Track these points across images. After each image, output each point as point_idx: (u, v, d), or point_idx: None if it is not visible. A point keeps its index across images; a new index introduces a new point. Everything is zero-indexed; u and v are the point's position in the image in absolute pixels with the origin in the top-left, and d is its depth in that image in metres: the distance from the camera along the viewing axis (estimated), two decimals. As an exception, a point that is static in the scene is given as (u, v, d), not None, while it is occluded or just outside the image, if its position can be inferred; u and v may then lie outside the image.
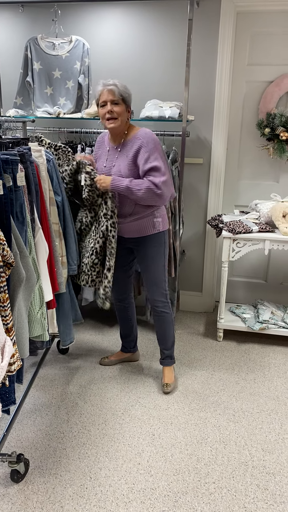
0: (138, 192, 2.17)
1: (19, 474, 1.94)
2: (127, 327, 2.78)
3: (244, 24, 3.10)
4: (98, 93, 2.22)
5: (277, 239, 2.85)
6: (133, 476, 1.98)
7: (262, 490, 1.92)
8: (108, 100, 2.18)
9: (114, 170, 2.28)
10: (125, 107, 2.23)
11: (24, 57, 3.08)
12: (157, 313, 2.55)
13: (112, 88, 2.17)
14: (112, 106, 2.18)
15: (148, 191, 2.17)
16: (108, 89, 2.17)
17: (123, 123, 2.24)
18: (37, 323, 1.87)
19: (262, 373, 2.79)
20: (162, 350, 2.64)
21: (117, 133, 2.28)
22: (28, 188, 1.85)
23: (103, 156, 2.37)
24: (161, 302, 2.52)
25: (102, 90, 2.19)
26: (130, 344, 2.84)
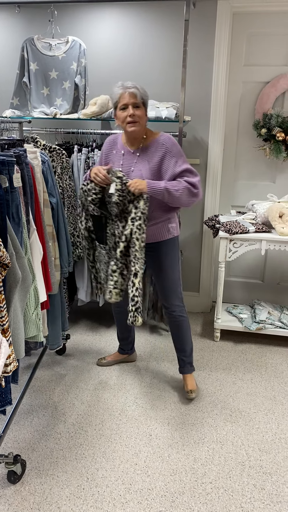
0: (176, 192, 2.11)
1: (16, 475, 1.94)
2: (125, 330, 2.77)
3: (241, 25, 3.11)
4: (117, 96, 2.15)
5: (273, 239, 2.86)
6: (130, 477, 1.98)
7: (259, 490, 1.92)
8: (129, 103, 2.12)
9: (133, 175, 2.21)
10: (144, 110, 2.18)
11: (21, 58, 3.08)
12: (174, 318, 2.48)
13: (134, 91, 2.11)
14: (134, 110, 2.12)
15: (186, 190, 2.12)
16: (130, 92, 2.11)
17: (143, 127, 2.19)
18: (32, 324, 1.87)
19: (259, 373, 2.80)
20: (181, 357, 2.57)
21: (135, 137, 2.21)
22: (23, 189, 1.85)
23: (117, 160, 2.28)
24: (177, 307, 2.46)
25: (122, 93, 2.13)
26: (128, 346, 2.83)
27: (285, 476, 2.00)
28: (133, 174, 2.22)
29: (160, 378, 2.71)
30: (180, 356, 2.57)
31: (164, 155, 2.17)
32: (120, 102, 2.14)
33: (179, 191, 2.12)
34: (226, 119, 3.29)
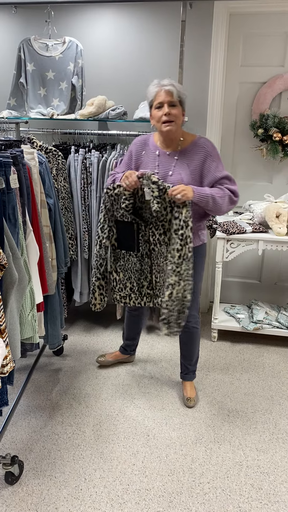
0: (220, 199, 2.04)
1: (14, 476, 1.94)
2: (135, 332, 2.74)
3: (237, 26, 3.11)
4: (153, 94, 2.06)
5: (270, 239, 2.86)
6: (128, 477, 1.98)
7: (257, 490, 1.92)
8: (165, 101, 2.02)
9: (172, 179, 2.11)
10: (181, 109, 2.08)
11: (17, 58, 3.08)
12: (188, 329, 2.41)
13: (170, 89, 2.01)
14: (170, 109, 2.02)
15: (227, 198, 2.07)
16: (165, 89, 2.01)
17: (179, 127, 2.10)
18: (28, 325, 1.87)
19: (256, 373, 2.80)
20: (186, 365, 2.55)
21: (171, 138, 2.12)
22: (20, 190, 1.85)
23: (151, 161, 2.18)
24: (194, 317, 2.40)
25: (158, 91, 2.04)
26: (132, 347, 2.82)
27: (283, 475, 2.00)
28: (172, 178, 2.12)
29: (157, 379, 2.71)
30: (184, 363, 2.55)
31: (205, 159, 2.09)
32: (155, 100, 2.05)
33: (223, 199, 2.05)
34: (223, 119, 3.30)
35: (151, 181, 2.01)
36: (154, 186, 2.00)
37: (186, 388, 2.54)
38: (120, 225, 2.20)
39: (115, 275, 2.31)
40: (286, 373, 2.80)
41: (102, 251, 2.25)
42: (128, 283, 2.30)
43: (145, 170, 2.09)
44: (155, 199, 2.01)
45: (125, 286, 2.31)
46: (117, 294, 2.35)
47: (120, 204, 2.12)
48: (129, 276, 2.28)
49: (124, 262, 2.27)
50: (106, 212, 2.18)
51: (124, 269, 2.28)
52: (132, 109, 3.05)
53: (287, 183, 3.34)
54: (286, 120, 3.04)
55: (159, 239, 2.14)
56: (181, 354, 2.55)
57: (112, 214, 2.19)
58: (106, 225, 2.21)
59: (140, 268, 2.24)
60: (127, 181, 2.05)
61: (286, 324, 3.05)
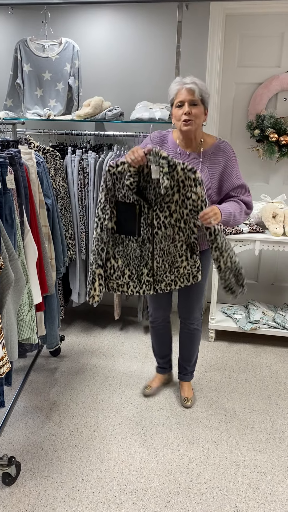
0: (239, 215, 2.03)
1: (11, 477, 1.94)
2: (168, 346, 2.58)
3: (233, 27, 3.12)
4: (174, 92, 1.99)
5: (267, 239, 2.87)
6: (125, 477, 1.98)
7: (254, 489, 1.93)
8: (186, 100, 1.95)
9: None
10: (203, 109, 2.01)
11: (14, 59, 3.07)
12: (190, 331, 2.41)
13: (191, 87, 1.94)
14: (190, 108, 1.96)
15: (244, 213, 2.07)
16: (187, 88, 1.94)
17: (199, 127, 2.04)
18: (26, 326, 1.87)
19: (253, 373, 2.81)
20: (185, 366, 2.53)
21: (191, 138, 2.05)
22: (17, 190, 1.85)
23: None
24: (197, 320, 2.39)
25: (179, 89, 1.97)
26: (169, 362, 2.64)
27: (280, 475, 2.01)
28: None
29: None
30: (183, 364, 2.54)
31: (226, 164, 2.06)
32: (176, 98, 1.99)
33: (240, 214, 2.04)
34: (219, 120, 3.30)
35: (161, 156, 1.88)
36: (164, 162, 1.88)
37: (184, 389, 2.54)
38: (120, 206, 2.04)
39: (113, 262, 2.14)
40: (283, 373, 2.81)
41: (103, 234, 2.07)
42: (127, 270, 2.14)
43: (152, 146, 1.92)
44: (165, 175, 1.89)
45: (123, 274, 2.15)
46: (114, 282, 2.17)
47: (122, 183, 1.99)
48: (128, 262, 2.13)
49: (123, 247, 2.12)
50: (107, 192, 2.03)
51: (122, 255, 2.13)
52: (128, 110, 3.05)
53: (283, 184, 3.35)
54: (282, 121, 3.05)
55: (164, 222, 2.02)
56: (180, 355, 2.54)
57: (113, 195, 2.04)
58: (107, 206, 2.04)
59: (140, 254, 2.10)
60: (132, 156, 1.90)
61: (283, 324, 3.06)
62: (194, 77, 1.99)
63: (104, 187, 2.02)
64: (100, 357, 2.96)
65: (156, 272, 2.12)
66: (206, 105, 2.03)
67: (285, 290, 3.57)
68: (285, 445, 2.19)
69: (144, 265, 2.11)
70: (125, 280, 2.16)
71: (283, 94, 3.16)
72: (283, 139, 3.03)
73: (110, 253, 2.14)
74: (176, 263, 2.10)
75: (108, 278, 2.18)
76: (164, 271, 2.11)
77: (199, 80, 1.98)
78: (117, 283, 2.17)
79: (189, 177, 1.91)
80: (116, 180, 2.00)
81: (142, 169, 1.97)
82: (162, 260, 2.09)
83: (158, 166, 1.90)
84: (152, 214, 2.01)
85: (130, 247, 2.10)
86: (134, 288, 2.16)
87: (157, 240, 2.05)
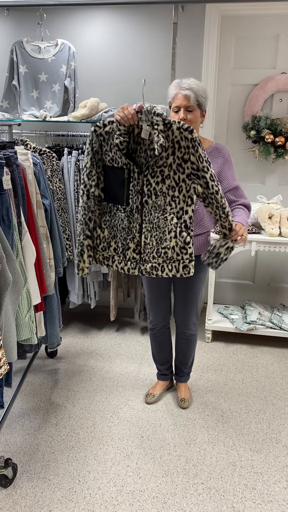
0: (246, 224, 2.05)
1: (7, 479, 1.93)
2: (168, 352, 2.55)
3: (229, 28, 3.13)
4: (171, 96, 2.01)
5: (263, 240, 2.88)
6: (122, 479, 1.98)
7: (250, 490, 1.93)
8: (182, 106, 1.97)
9: None
10: (199, 112, 2.02)
11: (10, 61, 3.07)
12: (186, 336, 2.41)
13: (187, 94, 1.95)
14: (186, 114, 1.98)
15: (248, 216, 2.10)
16: (183, 94, 1.95)
17: (195, 130, 2.03)
18: (25, 327, 1.86)
19: (250, 374, 2.81)
20: (181, 368, 2.52)
21: None
22: (14, 191, 1.85)
23: None
24: (193, 325, 2.38)
25: (176, 93, 1.98)
26: (170, 368, 2.60)
27: (276, 475, 2.01)
28: None
29: (151, 380, 2.71)
30: (180, 367, 2.53)
31: (223, 164, 2.08)
32: (173, 103, 2.01)
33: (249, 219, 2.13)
34: (215, 121, 3.31)
35: (155, 113, 1.74)
36: (159, 119, 1.73)
37: (180, 389, 2.54)
38: (108, 171, 1.89)
39: (99, 232, 1.99)
40: (279, 373, 2.82)
41: (90, 202, 1.92)
42: (113, 243, 1.99)
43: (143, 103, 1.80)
44: (160, 133, 1.74)
45: (109, 246, 2.01)
46: (99, 254, 2.03)
47: (110, 145, 1.84)
48: (114, 234, 1.97)
49: (110, 217, 1.96)
50: (94, 155, 1.87)
51: (109, 226, 1.98)
52: (125, 111, 3.05)
53: (279, 184, 3.37)
54: (278, 122, 3.06)
55: (155, 189, 1.85)
56: (176, 358, 2.53)
57: (100, 158, 1.88)
58: (94, 171, 1.89)
59: (128, 226, 1.93)
60: (122, 113, 1.76)
61: (280, 324, 3.07)
62: (192, 79, 1.99)
63: (90, 150, 1.86)
64: (97, 359, 2.95)
65: (143, 248, 1.95)
66: (203, 108, 2.03)
67: (282, 291, 3.58)
68: (282, 445, 2.20)
69: (131, 239, 1.95)
70: (111, 253, 2.01)
71: (279, 95, 3.18)
72: (279, 140, 3.04)
73: (96, 222, 1.99)
74: (165, 241, 1.91)
75: (95, 249, 2.03)
76: (152, 249, 1.94)
77: (196, 82, 1.98)
78: (103, 255, 2.03)
79: (186, 138, 1.76)
80: (103, 142, 1.85)
81: (133, 129, 1.81)
82: (150, 235, 1.92)
83: (150, 126, 1.76)
84: (143, 180, 1.85)
85: (117, 217, 1.95)
86: (119, 263, 2.00)
87: (146, 210, 1.89)
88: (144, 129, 1.77)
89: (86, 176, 1.89)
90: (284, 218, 2.91)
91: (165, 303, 2.39)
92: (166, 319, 2.43)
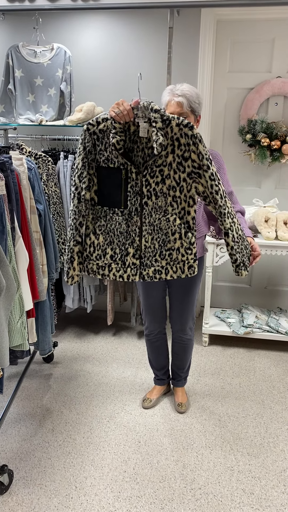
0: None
1: (3, 486, 1.92)
2: (165, 357, 2.54)
3: (224, 32, 3.14)
4: (165, 102, 2.00)
5: (260, 243, 2.88)
6: (119, 484, 1.97)
7: (248, 495, 1.92)
8: (175, 112, 1.95)
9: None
10: (193, 118, 2.00)
11: (6, 65, 3.07)
12: (183, 341, 2.40)
13: (180, 101, 1.93)
14: None
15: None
16: (176, 101, 1.94)
17: None
18: (17, 333, 1.85)
19: (247, 378, 2.80)
20: (178, 373, 2.51)
21: None
22: (8, 196, 1.84)
23: None
24: (190, 330, 2.37)
25: (169, 100, 1.97)
26: (167, 373, 2.59)
27: (274, 480, 2.00)
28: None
29: (148, 384, 2.70)
30: (177, 371, 2.51)
31: (217, 171, 2.01)
32: (167, 109, 1.99)
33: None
34: (211, 125, 3.32)
35: (152, 109, 1.65)
36: (157, 115, 1.64)
37: (178, 394, 2.53)
38: (103, 172, 1.76)
39: (93, 238, 1.84)
40: (276, 377, 2.81)
41: (81, 206, 1.80)
42: (109, 249, 1.84)
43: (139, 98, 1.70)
44: (158, 131, 1.64)
45: (104, 253, 1.85)
46: (93, 264, 1.87)
47: (105, 144, 1.73)
48: (111, 240, 1.83)
49: (106, 221, 1.82)
50: (86, 155, 1.74)
51: (105, 231, 1.83)
52: (121, 115, 3.05)
53: (275, 188, 3.37)
54: (273, 126, 3.07)
55: (155, 190, 1.76)
56: (172, 363, 2.52)
57: (93, 159, 1.76)
58: (85, 172, 1.76)
59: (126, 230, 1.81)
60: (117, 109, 1.65)
61: (277, 328, 3.06)
62: (185, 84, 1.97)
63: (82, 149, 1.74)
64: (94, 363, 2.94)
65: (144, 253, 1.83)
66: (196, 114, 2.01)
67: (278, 294, 3.58)
68: (279, 449, 2.19)
69: (130, 243, 1.82)
70: (107, 261, 1.85)
71: (274, 99, 3.18)
72: (275, 144, 3.05)
73: (90, 228, 1.84)
74: (169, 243, 1.81)
75: (88, 258, 1.87)
76: (154, 253, 1.83)
77: (189, 88, 1.95)
78: (97, 264, 1.86)
79: (186, 134, 1.68)
80: (97, 141, 1.73)
81: (128, 126, 1.71)
82: (151, 238, 1.81)
83: (148, 123, 1.67)
84: (141, 180, 1.75)
85: (114, 221, 1.81)
86: (117, 271, 1.85)
87: (146, 212, 1.78)
88: (141, 127, 1.67)
89: (78, 178, 1.77)
90: (280, 221, 2.92)
91: (161, 309, 2.38)
92: (162, 325, 2.43)
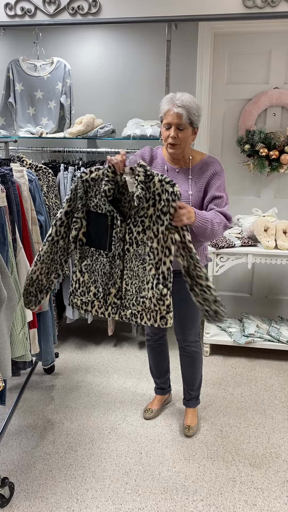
0: (217, 225, 1.93)
1: (4, 498, 1.90)
2: (165, 365, 2.52)
3: (222, 45, 3.19)
4: (163, 111, 1.96)
5: (259, 253, 2.89)
6: (121, 496, 1.95)
7: (251, 506, 1.90)
8: (173, 123, 1.93)
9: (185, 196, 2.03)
10: (191, 130, 1.98)
11: (6, 79, 3.12)
12: (189, 354, 2.34)
13: (179, 112, 1.90)
14: (177, 132, 1.94)
15: (224, 225, 1.97)
16: (175, 111, 1.91)
17: (186, 148, 2.02)
18: (19, 344, 1.86)
19: (249, 387, 2.79)
20: (188, 391, 2.43)
21: (178, 158, 2.06)
22: (9, 208, 1.86)
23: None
24: (195, 342, 2.32)
25: (168, 109, 1.93)
26: (167, 382, 2.58)
27: (276, 491, 1.99)
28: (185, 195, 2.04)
29: (150, 395, 2.69)
30: (186, 389, 2.45)
31: (211, 177, 2.04)
32: (165, 119, 1.96)
33: (220, 225, 1.95)
34: (210, 136, 3.35)
35: (138, 164, 1.76)
36: (141, 170, 1.75)
37: (188, 416, 2.42)
38: (92, 216, 1.88)
39: (78, 276, 1.95)
40: (278, 386, 2.80)
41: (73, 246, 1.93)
42: (93, 287, 1.94)
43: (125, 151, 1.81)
44: (139, 184, 1.74)
45: (88, 290, 1.95)
46: (78, 299, 1.97)
47: (95, 191, 1.85)
48: (95, 279, 1.93)
49: (91, 261, 1.93)
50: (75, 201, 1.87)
51: (90, 270, 1.94)
52: (120, 127, 3.08)
53: (274, 197, 3.39)
54: (272, 136, 3.10)
55: (137, 238, 1.84)
56: (182, 379, 2.45)
57: (84, 204, 1.87)
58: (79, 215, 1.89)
59: (110, 271, 1.91)
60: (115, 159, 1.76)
61: (278, 337, 3.06)
62: (186, 94, 1.95)
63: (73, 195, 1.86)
64: (95, 374, 2.94)
65: (124, 294, 1.92)
66: (195, 126, 1.99)
67: (279, 303, 3.58)
68: (282, 460, 2.17)
69: (113, 284, 1.92)
70: (90, 298, 1.96)
71: (272, 109, 3.22)
72: (273, 154, 3.07)
73: (77, 267, 1.95)
74: (144, 291, 1.87)
75: (73, 293, 1.98)
76: (132, 296, 1.90)
77: (190, 99, 1.93)
78: (81, 300, 1.97)
79: (167, 190, 1.75)
80: (89, 188, 1.86)
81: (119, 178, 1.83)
82: (131, 282, 1.90)
83: (133, 178, 1.77)
84: (125, 228, 1.85)
85: (99, 262, 1.92)
86: (99, 308, 1.96)
87: (127, 258, 1.88)
88: (128, 182, 1.78)
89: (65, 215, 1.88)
90: (280, 230, 2.93)
91: None
92: (162, 330, 2.41)
